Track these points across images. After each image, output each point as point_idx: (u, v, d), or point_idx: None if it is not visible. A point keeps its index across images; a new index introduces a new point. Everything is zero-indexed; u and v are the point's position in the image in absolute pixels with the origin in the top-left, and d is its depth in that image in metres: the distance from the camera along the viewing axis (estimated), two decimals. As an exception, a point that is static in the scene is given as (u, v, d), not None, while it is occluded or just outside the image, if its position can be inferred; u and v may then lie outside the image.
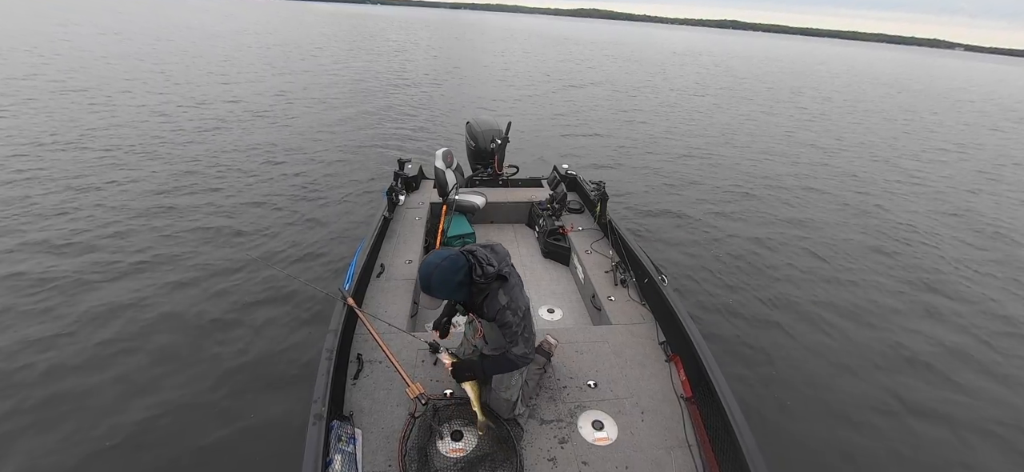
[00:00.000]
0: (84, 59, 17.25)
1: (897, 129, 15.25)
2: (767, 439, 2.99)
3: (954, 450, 3.30)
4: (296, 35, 35.93)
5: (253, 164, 7.88)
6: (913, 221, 7.36)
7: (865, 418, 3.48)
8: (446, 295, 1.97)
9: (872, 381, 3.85)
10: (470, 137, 5.30)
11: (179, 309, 4.11)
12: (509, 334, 1.99)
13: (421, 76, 19.46)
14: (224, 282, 4.52)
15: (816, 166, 10.09)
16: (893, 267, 5.82)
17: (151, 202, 6.12)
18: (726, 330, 4.34)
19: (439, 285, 1.92)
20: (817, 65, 45.67)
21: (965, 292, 5.38)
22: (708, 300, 4.79)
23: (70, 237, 5.11)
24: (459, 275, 1.92)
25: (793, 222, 6.97)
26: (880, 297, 5.10)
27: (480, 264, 1.94)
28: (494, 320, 2.01)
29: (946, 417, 3.56)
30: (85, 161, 7.38)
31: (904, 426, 3.45)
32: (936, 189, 9.18)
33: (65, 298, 4.13)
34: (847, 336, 4.40)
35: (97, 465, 2.77)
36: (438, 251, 1.99)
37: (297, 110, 12.11)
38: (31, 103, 10.52)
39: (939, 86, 34.03)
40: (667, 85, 21.81)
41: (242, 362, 3.57)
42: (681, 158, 9.95)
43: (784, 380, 3.78)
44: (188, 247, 5.11)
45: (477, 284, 1.95)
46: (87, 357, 3.53)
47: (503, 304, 1.97)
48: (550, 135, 11.28)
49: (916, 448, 3.28)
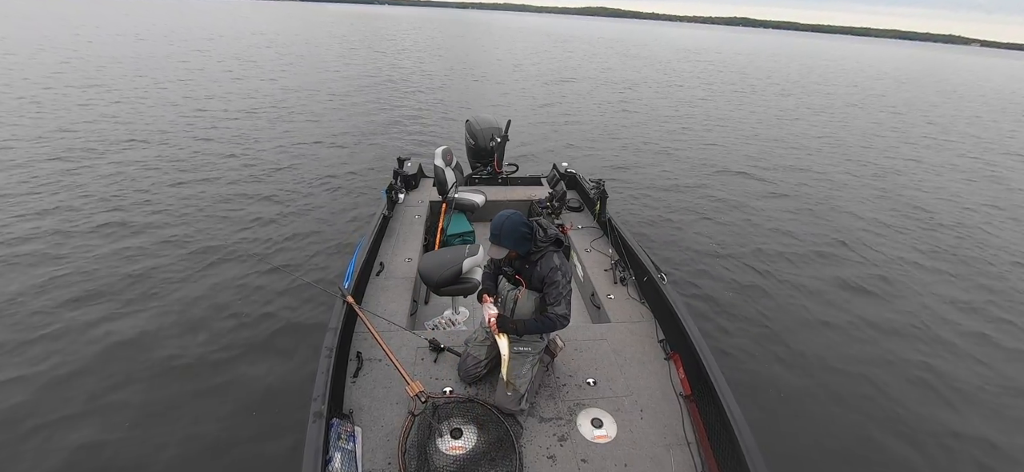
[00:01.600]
0: (97, 58, 17.21)
1: (916, 132, 15.11)
2: (766, 437, 2.99)
3: (955, 450, 3.31)
4: (304, 35, 35.82)
5: (253, 163, 7.88)
6: (921, 221, 7.37)
7: (865, 417, 3.49)
8: (512, 244, 2.19)
9: (872, 381, 3.86)
10: (470, 135, 5.29)
11: (178, 307, 4.11)
12: (555, 293, 2.19)
13: (425, 75, 19.43)
14: (223, 280, 4.53)
15: (812, 161, 10.11)
16: (894, 272, 5.83)
17: (151, 202, 6.12)
18: (726, 328, 4.34)
19: (509, 232, 2.17)
20: (834, 62, 44.22)
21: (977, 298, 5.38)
22: (708, 298, 4.80)
23: (68, 237, 5.12)
24: (526, 228, 2.20)
25: (794, 222, 6.97)
26: (881, 301, 5.11)
27: (542, 227, 2.25)
28: (544, 279, 2.22)
29: (946, 418, 3.57)
30: (79, 160, 7.38)
31: (904, 426, 3.46)
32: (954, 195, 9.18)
33: (63, 296, 4.14)
34: (848, 337, 4.41)
35: (97, 464, 2.78)
36: (504, 211, 2.24)
37: (297, 110, 12.10)
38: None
39: (971, 83, 32.55)
40: (674, 82, 21.77)
41: (241, 360, 3.57)
42: (685, 159, 9.96)
43: (783, 379, 3.78)
44: (187, 245, 5.11)
45: (537, 242, 2.23)
46: (86, 355, 3.53)
47: (556, 264, 2.21)
48: (556, 133, 11.29)
49: (916, 449, 3.28)
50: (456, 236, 4.17)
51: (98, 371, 3.40)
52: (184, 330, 3.85)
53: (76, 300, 4.10)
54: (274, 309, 4.16)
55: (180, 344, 3.70)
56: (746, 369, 3.85)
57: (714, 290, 4.95)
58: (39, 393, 3.19)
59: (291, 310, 4.15)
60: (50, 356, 3.49)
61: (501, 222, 2.19)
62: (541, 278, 2.24)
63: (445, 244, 4.08)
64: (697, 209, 7.12)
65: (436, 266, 3.06)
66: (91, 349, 3.59)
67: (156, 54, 19.82)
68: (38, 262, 4.60)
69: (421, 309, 3.62)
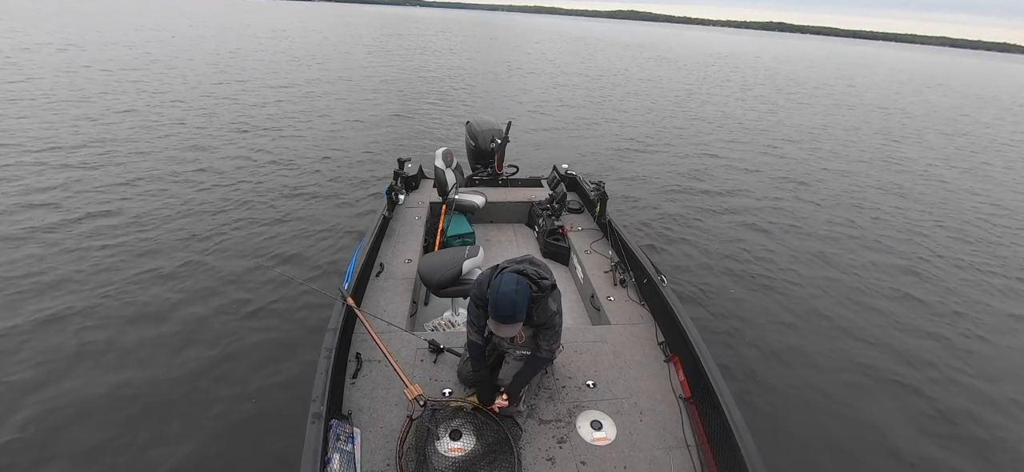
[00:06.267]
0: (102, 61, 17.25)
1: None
2: (766, 440, 2.99)
3: (953, 451, 3.29)
4: (324, 37, 35.80)
5: (252, 163, 7.88)
6: (919, 222, 7.36)
7: (865, 418, 3.48)
8: (524, 315, 1.98)
9: (873, 382, 3.85)
10: (470, 136, 5.30)
11: (177, 307, 4.11)
12: (551, 335, 2.13)
13: (454, 78, 19.36)
14: (223, 280, 4.52)
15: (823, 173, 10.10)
16: (893, 272, 5.82)
17: (148, 200, 6.12)
18: (726, 331, 4.33)
19: (523, 306, 1.94)
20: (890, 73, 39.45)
21: (976, 307, 5.36)
22: (708, 300, 4.79)
23: (67, 234, 5.12)
24: (531, 289, 1.99)
25: (796, 226, 6.97)
26: (880, 302, 5.10)
27: (535, 281, 2.02)
28: (541, 325, 2.10)
29: (947, 417, 3.56)
30: (79, 159, 7.39)
31: (903, 426, 3.45)
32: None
33: (63, 292, 4.14)
34: (849, 337, 4.40)
35: (94, 465, 2.77)
36: (502, 280, 1.97)
37: (298, 110, 12.11)
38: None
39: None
40: (711, 89, 21.71)
41: (240, 360, 3.57)
42: (691, 160, 9.95)
43: (784, 381, 3.78)
44: (186, 245, 5.11)
45: (534, 297, 2.02)
46: (84, 354, 3.53)
47: (554, 309, 2.11)
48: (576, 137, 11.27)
49: (915, 447, 3.28)
50: (456, 237, 4.17)
51: (97, 370, 3.40)
52: (183, 330, 3.85)
53: (75, 299, 4.10)
54: (273, 309, 4.16)
55: (179, 344, 3.70)
56: (746, 372, 3.84)
57: (715, 292, 4.94)
58: (39, 393, 3.18)
59: (290, 311, 4.15)
60: (48, 355, 3.50)
61: (512, 302, 1.90)
62: (538, 325, 2.11)
63: (445, 245, 4.07)
64: (697, 210, 7.11)
65: (436, 267, 3.06)
66: (91, 349, 3.59)
67: (158, 60, 19.85)
68: (37, 261, 4.61)
69: (421, 310, 3.62)
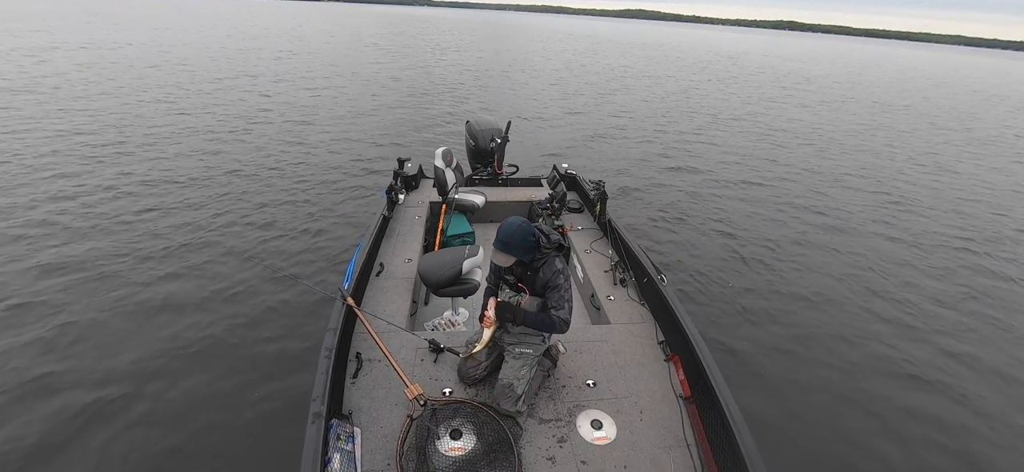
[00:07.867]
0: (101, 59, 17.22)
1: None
2: (765, 439, 2.98)
3: (953, 451, 3.30)
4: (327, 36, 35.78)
5: (252, 163, 7.88)
6: (924, 223, 7.37)
7: (865, 418, 3.48)
8: (521, 253, 2.22)
9: (873, 381, 3.85)
10: (470, 136, 5.30)
11: (177, 307, 4.11)
12: (557, 296, 2.24)
13: (460, 78, 19.34)
14: (223, 280, 4.52)
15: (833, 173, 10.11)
16: (894, 273, 5.82)
17: (148, 200, 6.12)
18: (725, 330, 4.33)
19: (520, 241, 2.19)
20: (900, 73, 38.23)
21: (969, 303, 5.37)
22: (708, 300, 4.79)
23: (68, 237, 5.12)
24: (533, 237, 2.22)
25: (796, 226, 6.97)
26: (881, 302, 5.10)
27: (545, 235, 2.26)
28: (546, 284, 2.26)
29: (946, 417, 3.56)
30: (69, 155, 7.38)
31: (903, 426, 3.45)
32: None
33: (65, 293, 4.14)
34: (850, 336, 4.40)
35: (94, 464, 2.77)
36: (513, 217, 2.23)
37: (298, 110, 12.10)
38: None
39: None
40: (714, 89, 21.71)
41: (240, 360, 3.57)
42: (687, 158, 9.96)
43: (784, 380, 3.78)
44: (186, 245, 5.10)
45: (541, 249, 2.25)
46: (84, 354, 3.52)
47: (559, 268, 2.26)
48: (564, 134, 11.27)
49: (915, 447, 3.28)
50: (456, 237, 4.17)
51: (96, 370, 3.40)
52: (183, 330, 3.85)
53: (75, 299, 4.11)
54: (273, 309, 4.16)
55: (179, 344, 3.70)
56: (746, 371, 3.84)
57: (714, 292, 4.94)
58: (39, 393, 3.18)
59: (290, 310, 4.15)
60: (48, 355, 3.50)
61: (511, 231, 2.18)
62: (544, 283, 2.26)
63: (445, 245, 4.07)
64: (697, 209, 7.11)
65: (436, 267, 3.06)
66: (90, 348, 3.59)
67: (140, 63, 19.83)
68: (36, 265, 4.61)
69: (421, 310, 3.62)
